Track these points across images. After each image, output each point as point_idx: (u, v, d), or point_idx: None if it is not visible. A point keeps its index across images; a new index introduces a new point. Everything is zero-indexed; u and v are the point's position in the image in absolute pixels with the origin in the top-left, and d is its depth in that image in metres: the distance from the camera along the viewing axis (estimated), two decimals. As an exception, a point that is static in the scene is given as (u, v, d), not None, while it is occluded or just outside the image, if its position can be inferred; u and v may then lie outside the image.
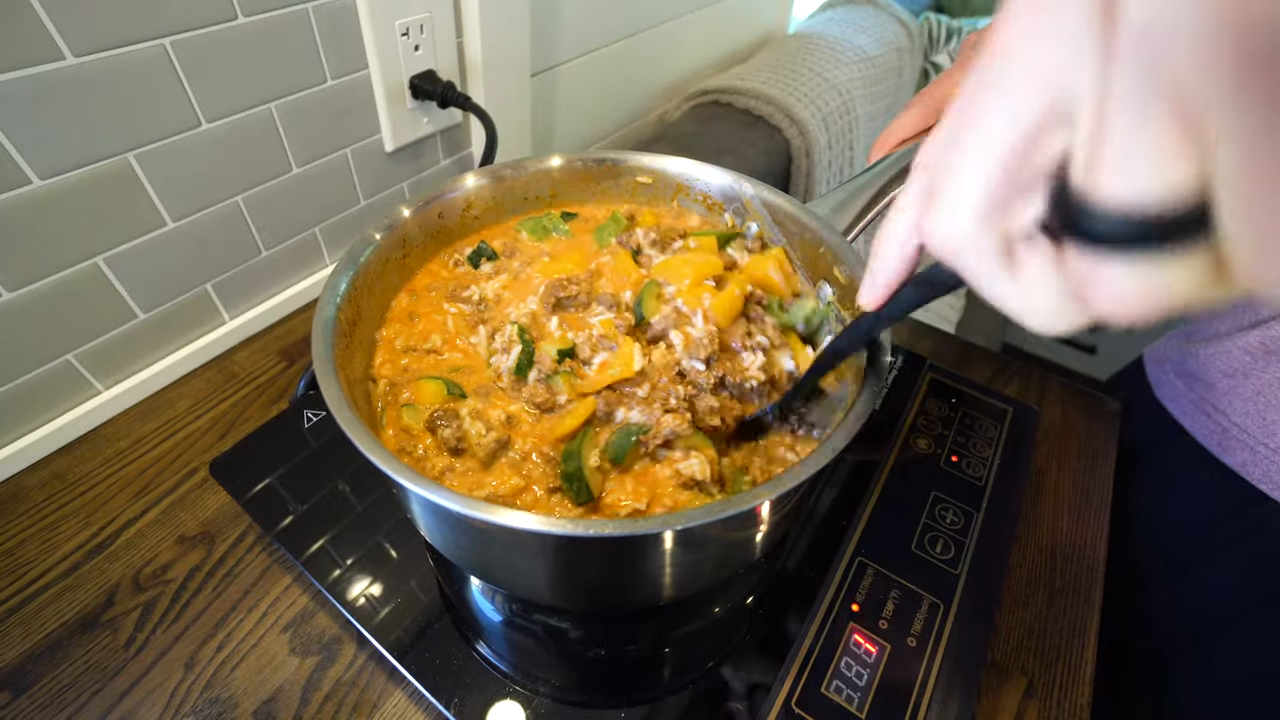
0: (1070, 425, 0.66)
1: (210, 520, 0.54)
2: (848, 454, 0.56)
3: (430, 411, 0.39)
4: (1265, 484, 0.54)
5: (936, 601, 0.47)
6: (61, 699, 0.44)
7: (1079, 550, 0.55)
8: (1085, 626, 0.50)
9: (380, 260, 0.45)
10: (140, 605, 0.49)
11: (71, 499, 0.55)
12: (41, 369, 0.56)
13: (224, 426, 0.62)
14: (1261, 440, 0.54)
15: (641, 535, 0.29)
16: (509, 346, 0.42)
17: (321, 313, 0.38)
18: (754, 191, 0.50)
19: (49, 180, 0.50)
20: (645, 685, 0.44)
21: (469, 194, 0.51)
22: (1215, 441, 0.58)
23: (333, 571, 0.48)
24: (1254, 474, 0.55)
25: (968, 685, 0.43)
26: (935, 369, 0.66)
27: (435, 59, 0.73)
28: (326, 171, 0.71)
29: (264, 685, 0.45)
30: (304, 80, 0.64)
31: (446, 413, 0.39)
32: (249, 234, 0.67)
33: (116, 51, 0.50)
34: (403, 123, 0.74)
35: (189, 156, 0.58)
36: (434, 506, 0.31)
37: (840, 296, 0.44)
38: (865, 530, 0.51)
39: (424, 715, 0.44)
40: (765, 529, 0.38)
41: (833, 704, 0.41)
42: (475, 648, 0.44)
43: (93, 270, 0.56)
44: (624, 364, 0.40)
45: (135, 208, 0.56)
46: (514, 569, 0.39)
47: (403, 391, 0.42)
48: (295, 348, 0.70)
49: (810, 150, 1.16)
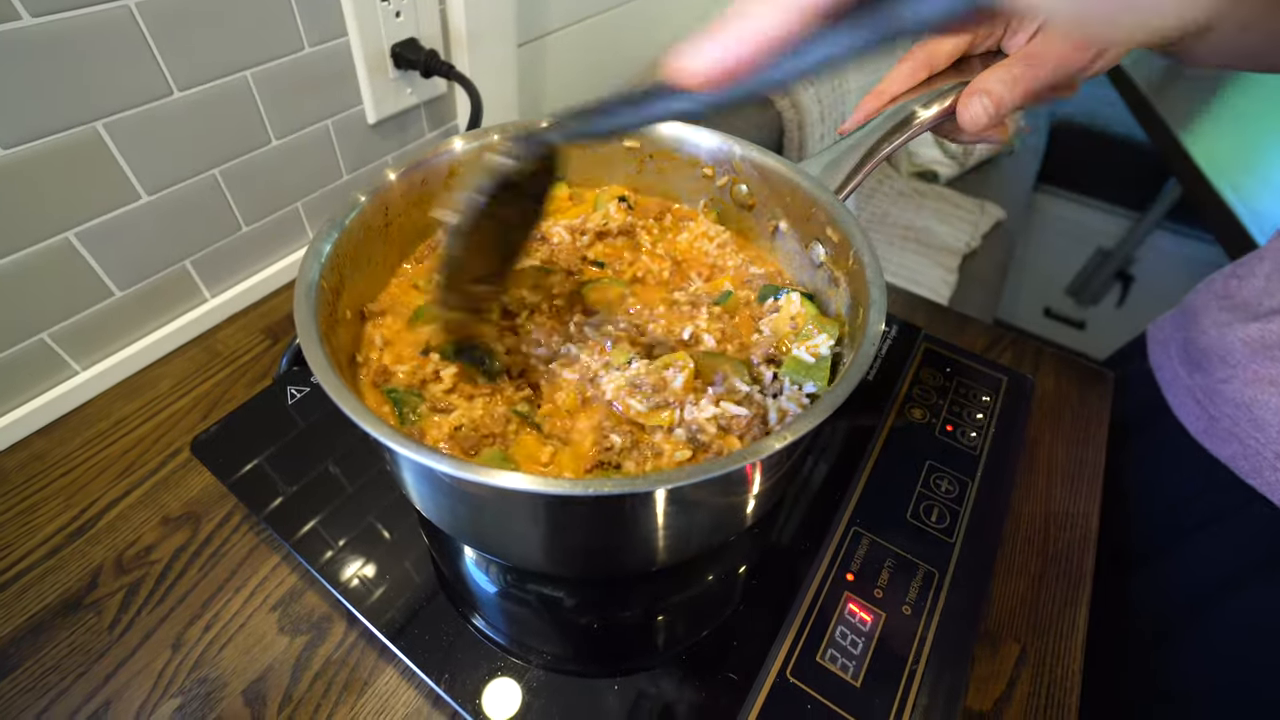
0: (1064, 395, 0.65)
1: (195, 500, 0.53)
2: (842, 420, 0.56)
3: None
4: (1254, 479, 0.53)
5: (931, 570, 0.47)
6: (45, 682, 0.43)
7: (1072, 519, 0.55)
8: (1078, 594, 0.51)
9: (363, 226, 0.43)
10: (124, 587, 0.48)
11: (51, 481, 0.54)
12: (14, 349, 0.54)
13: (207, 406, 0.61)
14: (1251, 434, 0.53)
15: (632, 494, 0.29)
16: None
17: (304, 277, 0.37)
18: (743, 152, 0.49)
19: (12, 150, 0.48)
20: (639, 654, 0.43)
21: (455, 158, 0.49)
22: (1202, 429, 0.57)
23: (323, 551, 0.47)
24: (1243, 468, 0.54)
25: (962, 653, 0.43)
26: (930, 339, 0.66)
27: (418, 26, 0.70)
28: (307, 144, 0.68)
29: (253, 664, 0.44)
30: (280, 47, 0.61)
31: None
32: (228, 208, 0.65)
33: (78, 11, 0.47)
34: (385, 93, 0.72)
35: (161, 126, 0.56)
36: (424, 470, 0.30)
37: (833, 257, 0.43)
38: (860, 499, 0.51)
39: (415, 691, 0.43)
40: (756, 492, 0.37)
41: (828, 672, 0.41)
42: (469, 622, 0.44)
43: (64, 245, 0.54)
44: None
45: (106, 180, 0.54)
46: (506, 532, 0.38)
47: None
48: (279, 325, 0.69)
49: (803, 122, 1.15)
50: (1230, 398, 0.55)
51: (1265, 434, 0.52)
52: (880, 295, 0.36)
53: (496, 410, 0.39)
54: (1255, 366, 0.53)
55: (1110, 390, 0.66)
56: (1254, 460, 0.53)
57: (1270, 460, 0.51)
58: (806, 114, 1.15)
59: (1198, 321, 0.60)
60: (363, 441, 0.48)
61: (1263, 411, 0.52)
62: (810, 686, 0.41)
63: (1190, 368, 0.60)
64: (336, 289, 0.40)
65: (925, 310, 0.74)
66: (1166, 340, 0.65)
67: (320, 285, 0.38)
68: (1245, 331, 0.54)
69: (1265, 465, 0.52)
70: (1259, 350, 0.53)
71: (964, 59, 0.44)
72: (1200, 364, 0.58)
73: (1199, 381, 0.58)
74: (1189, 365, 0.60)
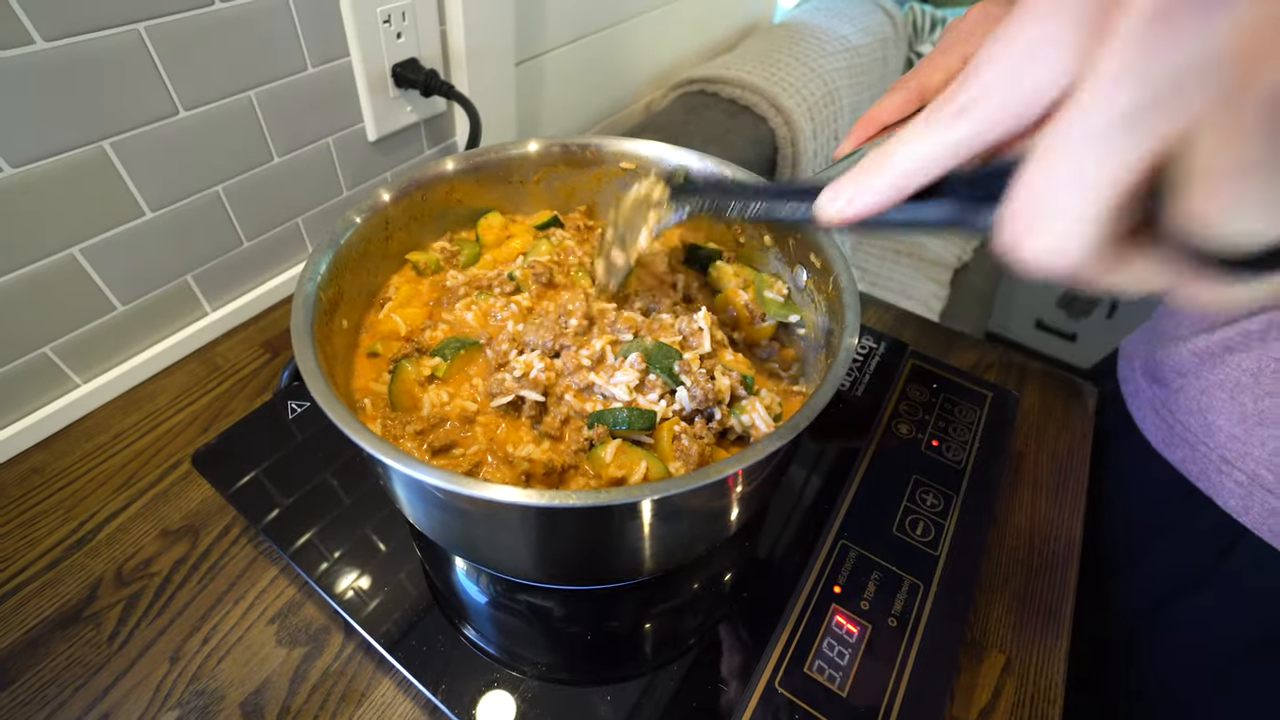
0: (1049, 409, 0.67)
1: (194, 514, 0.54)
2: (830, 436, 0.58)
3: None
4: (1201, 481, 0.55)
5: (917, 582, 0.48)
6: (43, 695, 0.44)
7: (1055, 531, 0.56)
8: (1061, 605, 0.52)
9: (362, 240, 0.45)
10: (123, 599, 0.48)
11: (50, 494, 0.55)
12: (17, 362, 0.55)
13: (207, 419, 0.61)
14: (1202, 439, 0.55)
15: (614, 505, 0.30)
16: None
17: (302, 289, 0.38)
18: (734, 177, 0.50)
19: (21, 168, 0.49)
20: (631, 664, 0.44)
21: (450, 177, 0.51)
22: (1161, 439, 0.59)
23: (320, 564, 0.48)
24: (1191, 471, 0.56)
25: (947, 663, 0.44)
26: (917, 355, 0.67)
27: (418, 47, 0.72)
28: (308, 161, 0.70)
29: (251, 676, 0.45)
30: (284, 68, 0.63)
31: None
32: (230, 224, 0.66)
33: (89, 36, 0.49)
34: (385, 112, 0.73)
35: (167, 145, 0.57)
36: (413, 482, 0.31)
37: (815, 281, 0.45)
38: (847, 514, 0.52)
39: (412, 703, 0.44)
40: (737, 502, 0.39)
41: (815, 683, 0.42)
42: (462, 633, 0.45)
43: (69, 261, 0.55)
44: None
45: (112, 197, 0.56)
46: (495, 544, 0.39)
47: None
48: (279, 340, 0.70)
49: (796, 140, 1.17)
50: (1184, 405, 0.57)
51: (1214, 438, 0.54)
52: (854, 317, 0.38)
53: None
54: (1205, 373, 0.55)
55: (1093, 403, 0.67)
56: (1201, 464, 0.55)
57: (1216, 463, 0.54)
58: (799, 131, 1.17)
59: (1159, 336, 0.63)
60: (358, 455, 0.49)
61: (1214, 416, 0.54)
62: (798, 697, 0.42)
63: (1150, 380, 0.62)
64: (335, 300, 0.42)
65: (913, 326, 0.76)
66: (1132, 355, 0.67)
67: (318, 296, 0.39)
68: (1194, 344, 0.56)
69: (1211, 468, 0.54)
70: (1206, 359, 0.55)
71: None
72: (1157, 376, 0.61)
73: (1158, 393, 0.60)
74: (1149, 378, 0.62)
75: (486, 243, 0.55)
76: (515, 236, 0.56)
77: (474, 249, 0.54)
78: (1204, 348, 0.55)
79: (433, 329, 0.47)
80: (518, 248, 0.54)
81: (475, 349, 0.45)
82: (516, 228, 0.57)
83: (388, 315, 0.47)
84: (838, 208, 0.25)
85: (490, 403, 0.42)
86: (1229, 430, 0.53)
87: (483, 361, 0.45)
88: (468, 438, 0.41)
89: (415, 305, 0.49)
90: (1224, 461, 0.53)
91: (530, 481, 0.38)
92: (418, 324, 0.48)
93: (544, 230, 0.56)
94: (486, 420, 0.42)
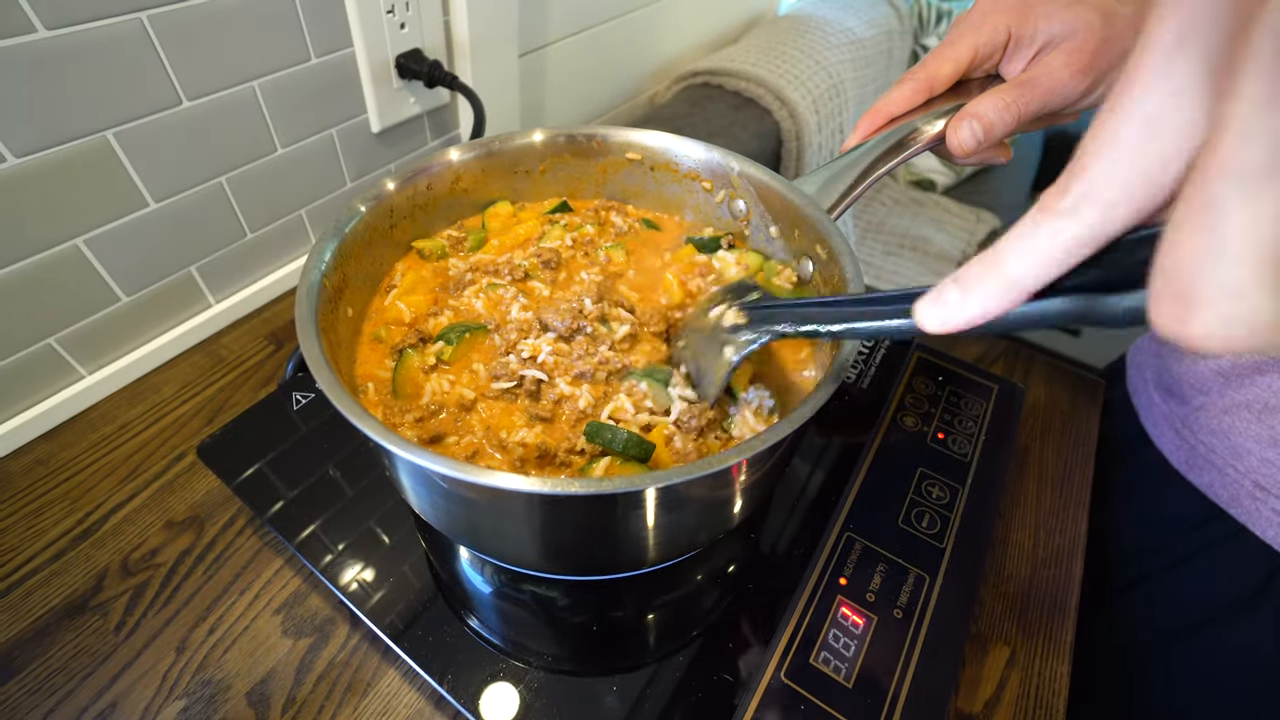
0: (1055, 402, 0.67)
1: (199, 504, 0.54)
2: (836, 428, 0.58)
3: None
4: (1234, 507, 0.52)
5: (922, 574, 0.48)
6: (50, 684, 0.44)
7: (1061, 524, 0.56)
8: (1066, 599, 0.52)
9: (367, 229, 0.45)
10: (129, 589, 0.49)
11: (56, 484, 0.55)
12: (22, 353, 0.55)
13: (211, 411, 0.61)
14: (1230, 463, 0.52)
15: (618, 494, 0.30)
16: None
17: (307, 277, 0.38)
18: (740, 168, 0.50)
19: (24, 159, 0.49)
20: (637, 655, 0.44)
21: (456, 167, 0.51)
22: (1183, 460, 0.56)
23: (325, 555, 0.48)
24: (1221, 496, 0.53)
25: (952, 655, 0.44)
26: (922, 348, 0.67)
27: (422, 37, 0.72)
28: (312, 152, 0.70)
29: (257, 667, 0.45)
30: (287, 58, 0.62)
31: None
32: (233, 215, 0.66)
33: (91, 25, 0.49)
34: (389, 103, 0.73)
35: (170, 135, 0.57)
36: (418, 470, 0.31)
37: (821, 272, 0.44)
38: (853, 506, 0.52)
39: (417, 693, 0.44)
40: (741, 493, 0.39)
41: (821, 674, 0.42)
42: (467, 624, 0.45)
43: (73, 252, 0.55)
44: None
45: (115, 188, 0.55)
46: (499, 533, 0.39)
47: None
48: (283, 331, 0.70)
49: (801, 133, 1.16)
50: (1206, 425, 0.54)
51: (1245, 462, 0.51)
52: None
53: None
54: (1230, 393, 0.52)
55: (1100, 398, 0.67)
56: (1232, 490, 0.52)
57: (1249, 489, 0.51)
58: (804, 124, 1.16)
59: (1172, 348, 0.59)
60: (364, 445, 0.49)
61: (1240, 439, 0.51)
62: (804, 688, 0.42)
63: (1164, 394, 0.59)
64: (339, 287, 0.42)
65: (919, 319, 0.75)
66: (1143, 365, 0.65)
67: (323, 284, 0.39)
68: (1217, 362, 0.53)
69: (1244, 494, 0.51)
70: (1230, 378, 0.52)
71: (963, 82, 0.45)
72: (1173, 391, 0.58)
73: (1175, 410, 0.58)
74: (1163, 392, 0.60)
75: (493, 229, 0.54)
76: (523, 222, 0.55)
77: (480, 235, 0.54)
78: (1228, 366, 0.52)
79: (437, 316, 0.47)
80: (524, 234, 0.54)
81: (480, 334, 0.45)
82: (525, 214, 0.56)
83: (393, 302, 0.47)
84: (942, 318, 0.23)
85: (492, 384, 0.42)
86: (1260, 454, 0.50)
87: (487, 347, 0.45)
88: (463, 426, 0.41)
89: (420, 292, 0.49)
90: (1258, 488, 0.50)
91: (525, 468, 0.38)
92: (423, 311, 0.47)
93: (554, 215, 0.56)
94: (483, 406, 0.42)
